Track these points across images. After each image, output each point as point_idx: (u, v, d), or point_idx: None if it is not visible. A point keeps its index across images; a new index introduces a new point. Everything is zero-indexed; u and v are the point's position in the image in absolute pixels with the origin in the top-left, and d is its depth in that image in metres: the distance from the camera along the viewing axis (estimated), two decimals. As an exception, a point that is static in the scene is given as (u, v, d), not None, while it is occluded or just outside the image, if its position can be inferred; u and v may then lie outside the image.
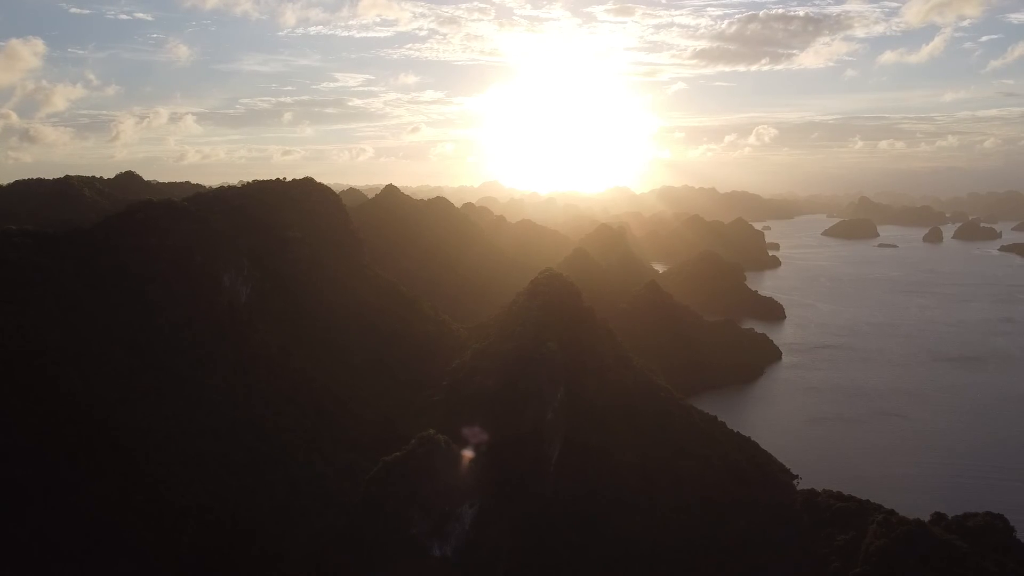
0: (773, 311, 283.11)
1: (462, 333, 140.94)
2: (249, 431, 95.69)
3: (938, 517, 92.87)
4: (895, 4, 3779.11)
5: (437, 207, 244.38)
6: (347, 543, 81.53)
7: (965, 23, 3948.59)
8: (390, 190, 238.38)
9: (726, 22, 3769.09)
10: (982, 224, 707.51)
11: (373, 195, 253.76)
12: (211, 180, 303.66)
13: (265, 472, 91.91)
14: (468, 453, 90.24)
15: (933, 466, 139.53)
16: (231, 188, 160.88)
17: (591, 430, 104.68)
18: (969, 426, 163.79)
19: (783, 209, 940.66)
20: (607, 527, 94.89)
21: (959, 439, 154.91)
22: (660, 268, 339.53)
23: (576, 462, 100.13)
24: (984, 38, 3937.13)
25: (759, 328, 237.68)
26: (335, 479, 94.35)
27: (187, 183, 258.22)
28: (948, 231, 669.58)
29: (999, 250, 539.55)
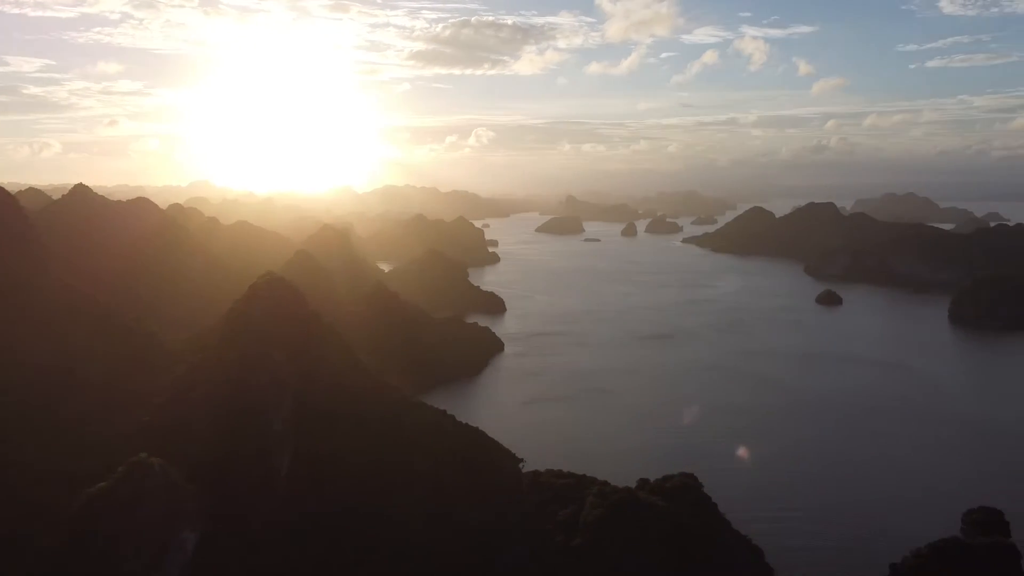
0: (495, 305, 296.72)
1: (175, 346, 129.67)
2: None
3: (643, 482, 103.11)
4: (595, 20, 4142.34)
5: (138, 208, 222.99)
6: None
7: (649, 40, 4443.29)
8: (80, 190, 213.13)
9: (440, 26, 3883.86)
10: (668, 219, 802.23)
11: (60, 195, 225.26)
12: None
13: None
14: (186, 475, 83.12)
15: (638, 434, 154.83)
16: None
17: (323, 438, 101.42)
18: (666, 395, 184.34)
19: (501, 208, 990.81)
20: (345, 535, 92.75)
21: (657, 408, 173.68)
22: (386, 268, 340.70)
23: (308, 473, 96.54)
24: (664, 55, 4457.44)
25: (483, 322, 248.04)
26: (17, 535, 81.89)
27: None
28: (641, 226, 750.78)
29: (682, 242, 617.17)
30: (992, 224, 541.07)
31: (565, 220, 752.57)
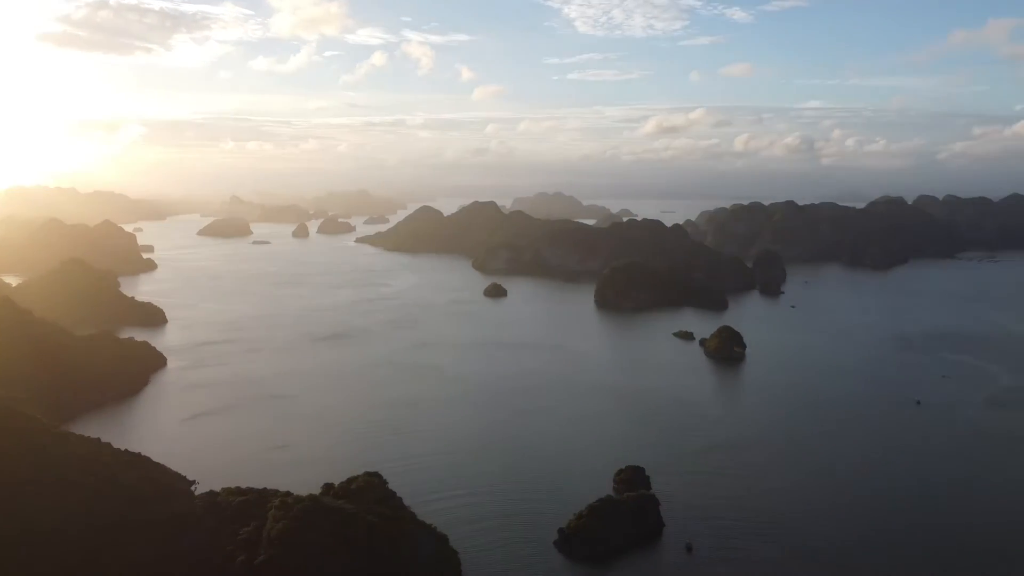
0: (154, 316, 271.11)
1: None
2: None
3: (328, 487, 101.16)
4: (258, 13, 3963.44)
5: None
6: None
7: (317, 38, 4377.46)
8: None
9: (74, 5, 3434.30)
10: (340, 219, 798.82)
11: None
12: None
13: None
14: None
15: (319, 438, 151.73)
16: None
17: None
18: (344, 395, 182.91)
19: (155, 210, 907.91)
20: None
21: (336, 409, 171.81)
22: (14, 281, 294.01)
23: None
24: (329, 53, 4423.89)
25: (140, 336, 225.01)
26: None
27: None
28: (313, 226, 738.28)
29: (355, 242, 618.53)
30: (624, 219, 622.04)
31: (231, 222, 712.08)
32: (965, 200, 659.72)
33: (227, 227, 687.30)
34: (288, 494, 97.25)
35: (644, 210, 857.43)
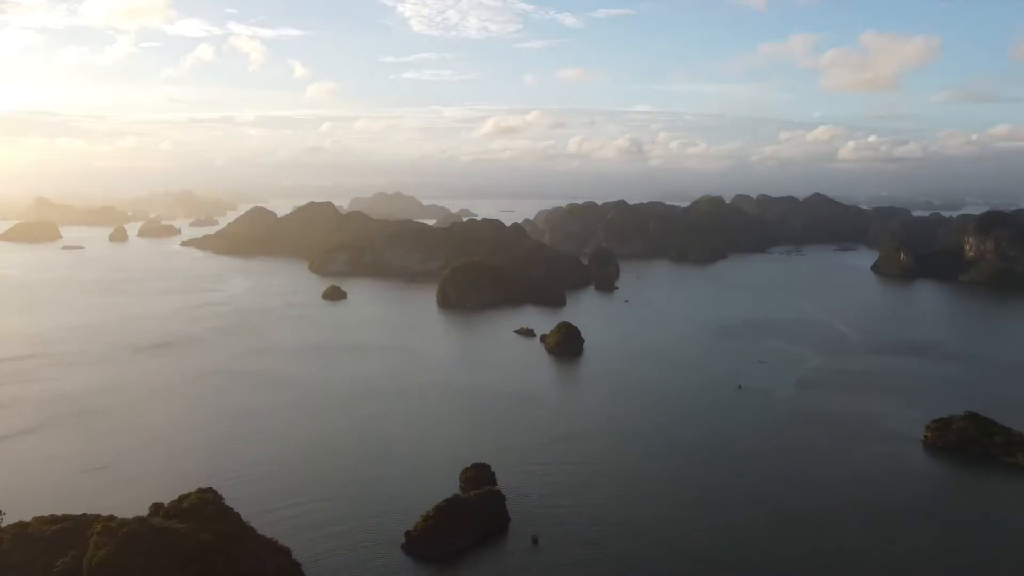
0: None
1: None
2: None
3: (157, 507, 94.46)
4: (73, 4, 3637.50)
5: None
6: None
7: (135, 27, 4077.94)
8: None
9: None
10: (164, 222, 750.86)
11: None
12: None
13: None
14: None
15: (144, 455, 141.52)
16: None
17: None
18: (171, 408, 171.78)
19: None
20: None
21: (164, 423, 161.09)
22: None
23: None
24: (147, 44, 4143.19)
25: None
26: None
27: None
28: (133, 230, 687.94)
29: (181, 245, 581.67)
30: (465, 219, 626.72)
31: (36, 225, 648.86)
32: (775, 199, 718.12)
33: (32, 231, 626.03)
34: (112, 518, 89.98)
35: (484, 210, 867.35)
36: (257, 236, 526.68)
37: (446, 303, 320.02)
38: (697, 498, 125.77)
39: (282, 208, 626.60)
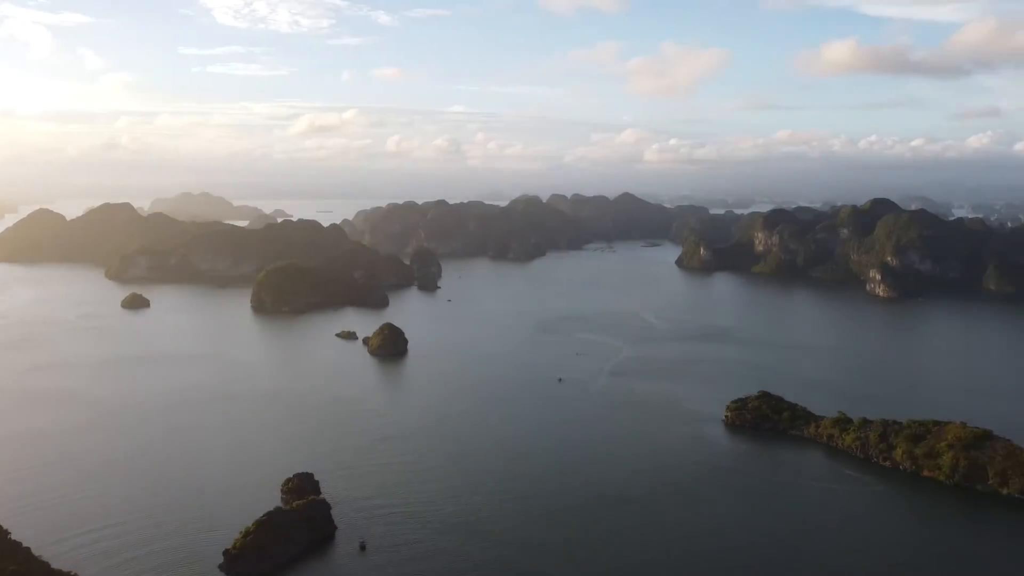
0: None
1: None
2: None
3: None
4: None
5: None
6: None
7: None
8: None
9: None
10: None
11: None
12: None
13: None
14: None
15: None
16: None
17: None
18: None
19: None
20: None
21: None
22: None
23: None
24: None
25: None
26: None
27: None
28: None
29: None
30: (279, 220, 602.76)
31: None
32: (588, 198, 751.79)
33: None
34: None
35: (300, 210, 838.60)
36: (43, 241, 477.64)
37: (261, 308, 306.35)
38: (518, 489, 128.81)
39: (73, 210, 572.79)
